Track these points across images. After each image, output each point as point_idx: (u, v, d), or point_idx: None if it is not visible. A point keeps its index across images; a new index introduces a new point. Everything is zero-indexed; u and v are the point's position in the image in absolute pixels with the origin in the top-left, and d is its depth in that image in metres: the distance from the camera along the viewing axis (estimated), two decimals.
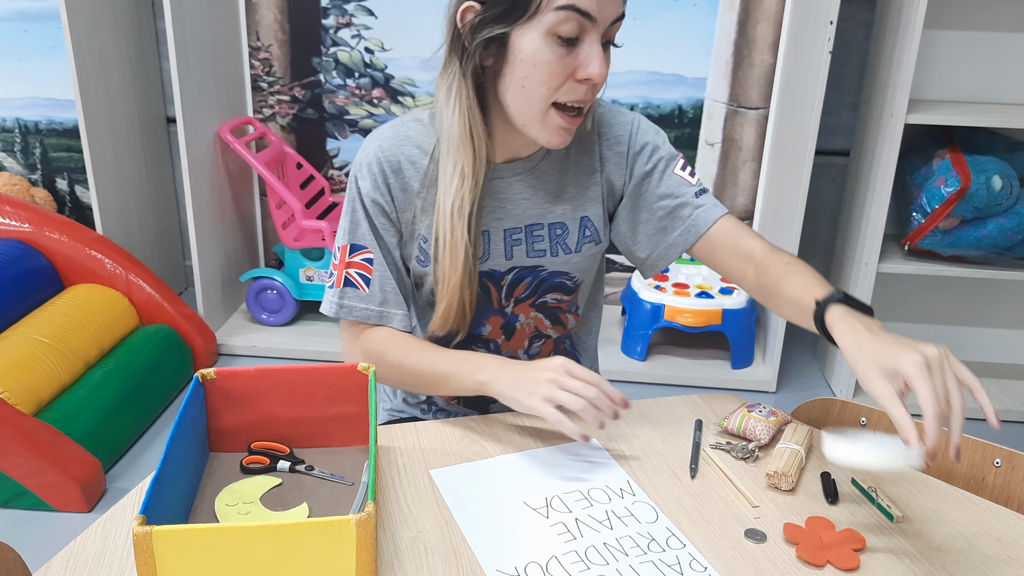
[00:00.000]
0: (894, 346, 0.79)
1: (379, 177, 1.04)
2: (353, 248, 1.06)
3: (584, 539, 0.83)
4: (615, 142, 1.09)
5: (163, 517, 0.72)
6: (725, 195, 2.58)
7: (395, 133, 1.05)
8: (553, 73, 0.93)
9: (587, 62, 0.92)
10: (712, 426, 1.04)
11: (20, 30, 2.61)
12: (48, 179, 2.77)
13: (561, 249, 1.08)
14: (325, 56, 2.56)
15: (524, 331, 1.14)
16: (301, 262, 2.53)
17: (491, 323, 1.12)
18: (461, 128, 0.98)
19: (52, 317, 2.04)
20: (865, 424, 1.08)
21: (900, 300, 2.50)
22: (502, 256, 1.07)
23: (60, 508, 1.76)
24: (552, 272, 1.09)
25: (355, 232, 1.06)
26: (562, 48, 0.92)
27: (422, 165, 1.04)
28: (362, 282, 1.06)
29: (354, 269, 1.06)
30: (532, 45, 0.92)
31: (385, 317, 1.06)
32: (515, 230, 1.07)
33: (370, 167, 1.04)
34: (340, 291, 1.06)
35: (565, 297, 1.13)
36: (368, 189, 1.04)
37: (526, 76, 0.94)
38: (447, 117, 0.99)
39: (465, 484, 0.91)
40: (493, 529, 0.84)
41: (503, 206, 1.06)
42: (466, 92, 0.97)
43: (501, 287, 1.09)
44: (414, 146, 1.05)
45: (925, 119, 2.04)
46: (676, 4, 2.41)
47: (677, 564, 0.80)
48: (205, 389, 0.91)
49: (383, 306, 1.06)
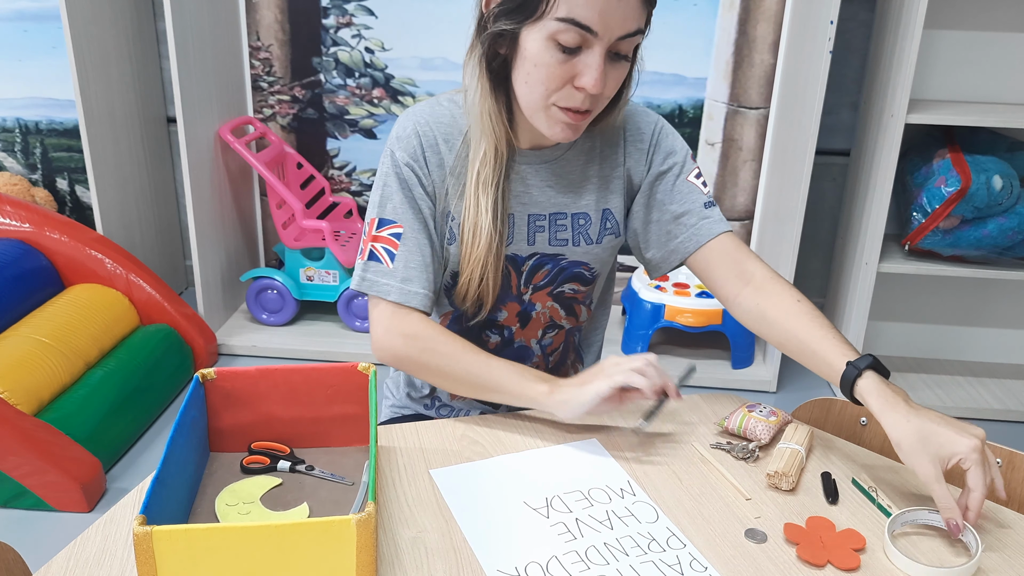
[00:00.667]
0: (943, 427, 0.85)
1: (417, 149, 1.05)
2: (381, 223, 1.05)
3: (584, 539, 0.83)
4: (638, 138, 1.11)
5: (163, 517, 0.72)
6: (725, 195, 2.58)
7: (432, 111, 1.07)
8: (551, 76, 0.94)
9: (584, 72, 0.93)
10: (712, 426, 1.04)
11: (20, 30, 2.61)
12: (48, 179, 2.77)
13: (583, 239, 1.10)
14: (325, 56, 2.56)
15: (539, 320, 1.15)
16: (301, 262, 2.53)
17: (508, 309, 1.13)
18: (482, 108, 1.01)
19: (52, 317, 2.04)
20: (865, 424, 1.08)
21: (900, 300, 2.50)
22: (524, 241, 1.08)
23: (60, 508, 1.76)
24: (572, 262, 1.11)
25: (384, 206, 1.05)
26: (562, 55, 0.92)
27: (455, 144, 1.06)
28: (387, 256, 1.05)
29: (380, 243, 1.05)
30: (536, 46, 0.93)
31: (406, 295, 1.04)
32: (539, 216, 1.08)
33: (408, 139, 1.05)
34: (364, 264, 1.05)
35: (582, 288, 1.14)
36: (406, 159, 1.04)
37: (528, 73, 0.95)
38: (470, 96, 1.02)
39: (465, 484, 0.91)
40: (493, 529, 0.84)
41: (528, 191, 1.07)
42: (485, 75, 0.99)
43: (521, 272, 1.10)
44: (449, 124, 1.06)
45: (925, 119, 2.04)
46: (676, 4, 2.41)
47: (677, 564, 0.80)
48: (205, 389, 0.91)
49: (405, 283, 1.04)
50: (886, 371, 0.93)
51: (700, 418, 1.05)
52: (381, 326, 1.05)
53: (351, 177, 2.70)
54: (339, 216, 2.68)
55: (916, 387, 2.38)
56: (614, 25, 0.91)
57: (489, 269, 1.05)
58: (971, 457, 0.82)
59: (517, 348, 1.16)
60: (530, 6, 0.91)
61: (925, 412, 0.87)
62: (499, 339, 1.16)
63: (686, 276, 2.49)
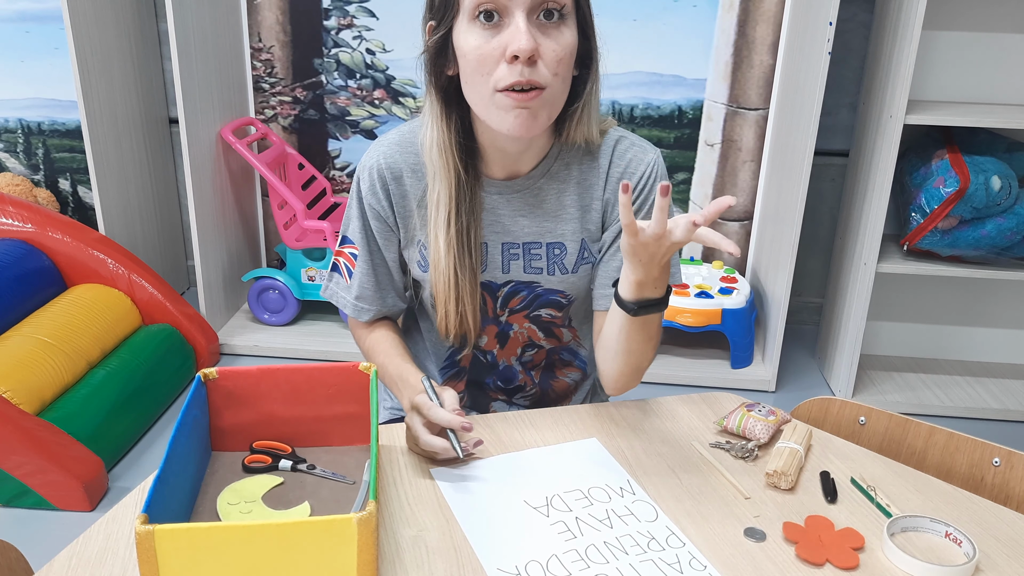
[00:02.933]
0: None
1: (378, 184, 1.06)
2: (344, 239, 1.12)
3: (584, 538, 0.83)
4: (627, 174, 1.06)
5: (165, 516, 0.72)
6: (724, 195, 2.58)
7: (401, 140, 1.06)
8: (483, 57, 0.91)
9: (511, 39, 0.89)
10: (711, 425, 1.04)
11: (22, 31, 2.61)
12: (51, 179, 2.78)
13: (559, 269, 1.08)
14: (327, 57, 2.57)
15: (517, 339, 1.15)
16: (303, 262, 2.53)
17: (487, 332, 1.13)
18: (431, 141, 1.00)
19: (55, 317, 2.04)
20: (864, 424, 1.08)
21: (899, 300, 2.50)
22: (499, 269, 1.08)
23: (62, 507, 1.77)
24: (548, 289, 1.10)
25: (347, 226, 1.12)
26: (487, 30, 0.90)
27: (424, 175, 1.05)
28: (346, 272, 1.13)
29: (342, 259, 1.13)
30: (464, 36, 0.92)
31: (357, 310, 1.13)
32: (513, 245, 1.07)
33: (371, 173, 1.06)
34: (330, 274, 1.15)
35: (558, 313, 1.13)
36: (367, 194, 1.07)
37: (466, 69, 0.94)
38: (423, 134, 1.02)
39: (466, 483, 0.91)
40: (494, 528, 0.84)
41: (500, 221, 1.06)
42: (438, 101, 0.99)
43: (497, 297, 1.10)
44: (417, 155, 1.05)
45: (924, 119, 2.04)
46: (676, 5, 2.41)
47: (677, 563, 0.80)
48: (207, 388, 0.92)
49: (358, 300, 1.13)
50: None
51: (699, 418, 1.06)
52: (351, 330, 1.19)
53: (352, 178, 2.70)
54: (340, 217, 2.69)
55: (915, 387, 2.38)
56: None
57: (465, 299, 1.05)
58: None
59: (502, 369, 1.17)
60: (449, 4, 0.93)
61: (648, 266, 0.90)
62: (484, 362, 1.16)
63: (686, 276, 2.50)
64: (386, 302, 1.13)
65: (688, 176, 2.58)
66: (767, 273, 2.45)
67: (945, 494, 0.92)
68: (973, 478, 1.00)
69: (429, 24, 0.98)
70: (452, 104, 1.00)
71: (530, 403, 1.20)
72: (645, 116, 2.51)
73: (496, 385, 1.18)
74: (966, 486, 0.98)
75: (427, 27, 0.99)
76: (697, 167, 2.57)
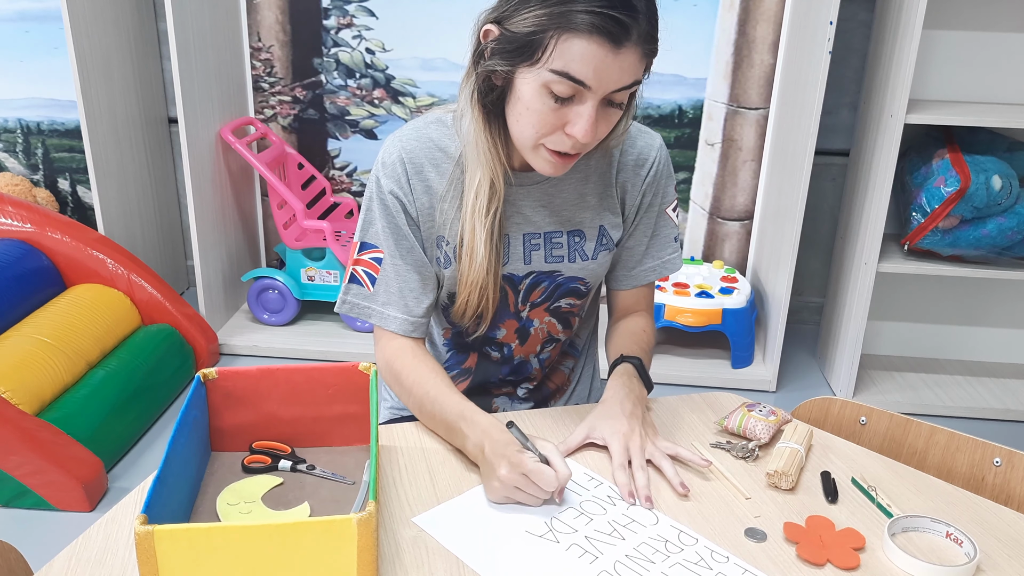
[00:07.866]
0: (616, 419, 0.98)
1: (403, 176, 1.04)
2: (363, 246, 1.07)
3: (605, 556, 0.81)
4: (638, 161, 1.10)
5: (165, 516, 0.72)
6: (725, 195, 2.59)
7: (418, 135, 1.06)
8: (542, 122, 0.93)
9: (575, 121, 0.91)
10: (712, 425, 1.04)
11: (22, 31, 2.61)
12: (50, 179, 2.78)
13: (579, 256, 1.10)
14: (326, 57, 2.56)
15: (538, 336, 1.15)
16: (302, 262, 2.53)
17: (506, 326, 1.13)
18: (477, 140, 0.99)
19: (54, 317, 2.04)
20: (865, 424, 1.08)
21: (900, 300, 2.50)
22: (521, 260, 1.08)
23: (62, 507, 1.77)
24: (568, 277, 1.11)
25: (367, 230, 1.07)
26: (555, 103, 0.91)
27: (446, 169, 1.04)
28: (367, 280, 1.07)
29: (362, 267, 1.07)
30: (529, 90, 0.92)
31: (384, 319, 1.06)
32: (534, 235, 1.08)
33: (393, 165, 1.04)
34: (346, 287, 1.08)
35: (577, 302, 1.14)
36: (391, 187, 1.04)
37: (520, 114, 0.94)
38: (465, 123, 1.01)
39: (456, 522, 0.86)
40: (510, 563, 0.80)
41: (522, 212, 1.07)
42: (479, 108, 0.98)
43: (519, 291, 1.10)
44: (437, 148, 1.05)
45: (925, 119, 2.04)
46: (676, 4, 2.41)
47: (701, 560, 0.80)
48: (207, 389, 0.92)
49: (384, 307, 1.06)
50: (649, 380, 1.08)
51: (700, 417, 1.06)
52: (375, 345, 1.11)
53: (352, 177, 2.70)
54: (340, 216, 2.69)
55: (916, 387, 2.38)
56: (609, 81, 0.89)
57: (488, 290, 1.05)
58: (609, 436, 0.96)
59: (517, 364, 1.17)
60: (526, 52, 0.90)
61: (631, 409, 0.99)
62: (499, 355, 1.16)
63: (686, 276, 2.49)
64: (417, 308, 1.07)
65: (689, 176, 2.58)
66: (767, 273, 2.45)
67: (946, 494, 0.92)
68: (974, 478, 1.00)
69: (488, 28, 0.94)
70: (494, 107, 0.99)
71: (530, 392, 1.20)
72: (645, 115, 2.51)
73: (506, 379, 1.18)
74: (967, 486, 0.98)
75: (485, 30, 0.94)
76: (697, 166, 2.57)
